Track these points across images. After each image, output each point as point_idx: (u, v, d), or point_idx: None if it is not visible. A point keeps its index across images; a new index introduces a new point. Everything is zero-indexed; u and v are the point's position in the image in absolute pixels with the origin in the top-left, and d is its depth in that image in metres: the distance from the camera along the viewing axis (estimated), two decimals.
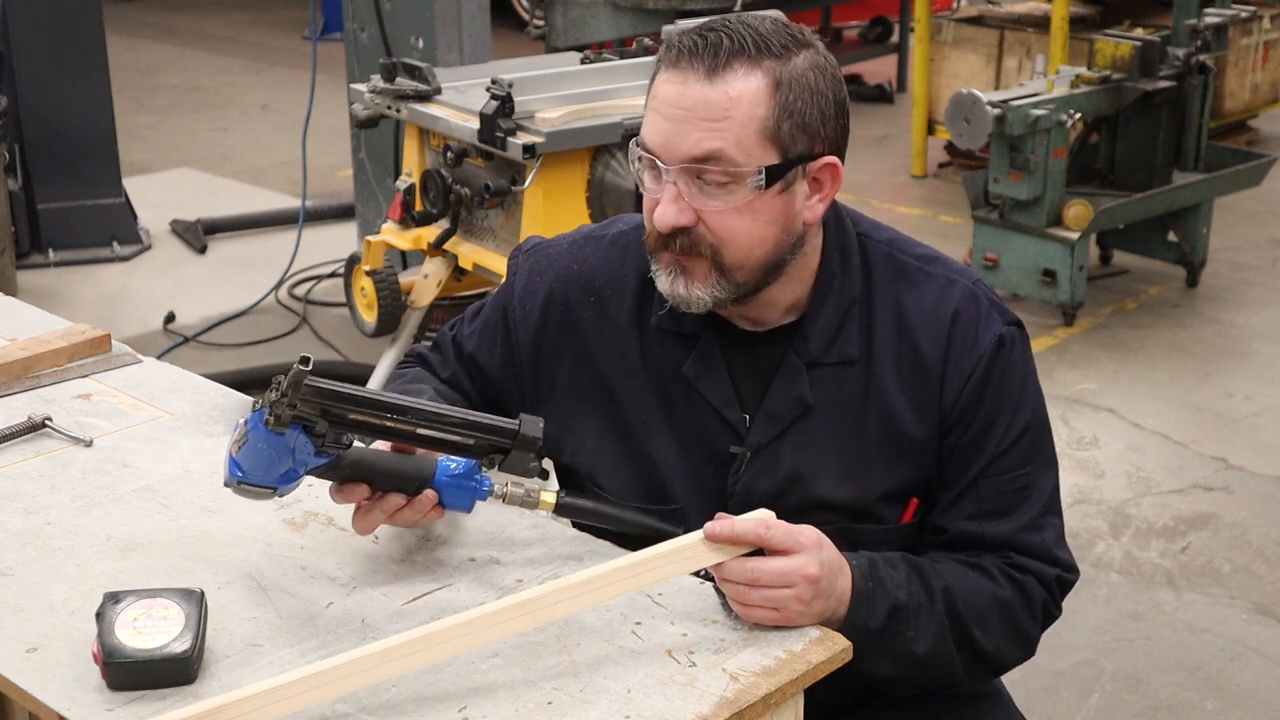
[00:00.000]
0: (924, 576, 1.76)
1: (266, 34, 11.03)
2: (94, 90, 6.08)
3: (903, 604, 1.72)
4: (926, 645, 1.74)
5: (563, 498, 1.79)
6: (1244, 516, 4.11)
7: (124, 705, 1.50)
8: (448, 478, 1.71)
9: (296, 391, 1.55)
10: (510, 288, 1.97)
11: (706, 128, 1.68)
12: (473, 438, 1.67)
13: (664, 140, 1.70)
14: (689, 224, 1.72)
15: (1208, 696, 3.33)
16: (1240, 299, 5.76)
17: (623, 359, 1.88)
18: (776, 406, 1.82)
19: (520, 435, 1.68)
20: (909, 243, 1.91)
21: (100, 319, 4.37)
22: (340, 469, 1.65)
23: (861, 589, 1.69)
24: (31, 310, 2.52)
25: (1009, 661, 1.86)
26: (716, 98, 1.67)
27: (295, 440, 1.60)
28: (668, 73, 1.71)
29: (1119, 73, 5.58)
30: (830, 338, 1.82)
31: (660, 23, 5.63)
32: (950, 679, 1.82)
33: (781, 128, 1.70)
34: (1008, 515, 1.82)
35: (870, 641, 1.69)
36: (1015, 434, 1.83)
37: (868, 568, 1.71)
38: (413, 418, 1.64)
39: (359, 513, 1.70)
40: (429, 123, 4.07)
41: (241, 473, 1.61)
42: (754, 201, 1.71)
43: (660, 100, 1.71)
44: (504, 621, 1.53)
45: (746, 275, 1.75)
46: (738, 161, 1.69)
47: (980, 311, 1.84)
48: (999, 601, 1.80)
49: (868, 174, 7.30)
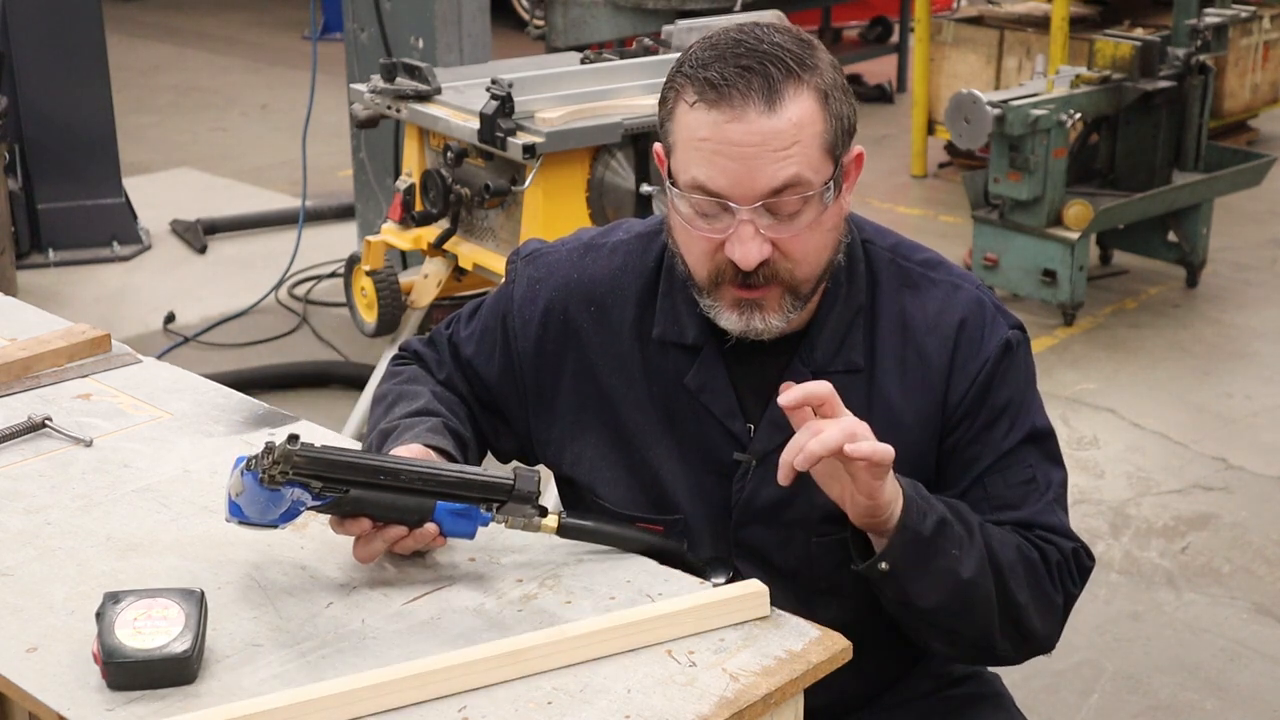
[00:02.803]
0: (960, 512, 1.76)
1: (266, 34, 11.03)
2: (94, 90, 6.08)
3: (950, 521, 1.72)
4: (972, 570, 1.72)
5: (564, 520, 1.77)
6: (1244, 516, 4.11)
7: (124, 705, 1.50)
8: (448, 511, 1.71)
9: (287, 463, 1.58)
10: (509, 295, 1.94)
11: (780, 158, 1.66)
12: (466, 497, 1.68)
13: (735, 180, 1.66)
14: (768, 256, 1.70)
15: (1208, 696, 3.33)
16: (1240, 299, 5.76)
17: (624, 369, 1.87)
18: (781, 415, 1.81)
19: (515, 490, 1.68)
20: (912, 248, 1.90)
21: (100, 319, 4.37)
22: (341, 506, 1.65)
23: (910, 495, 1.69)
24: (31, 310, 2.52)
25: (1036, 628, 1.82)
26: (783, 126, 1.65)
27: (291, 492, 1.61)
28: (717, 111, 1.66)
29: (1119, 73, 5.58)
30: (836, 346, 1.82)
31: (660, 23, 5.63)
32: (987, 623, 1.78)
33: (836, 137, 1.70)
34: (1018, 507, 1.83)
35: (920, 550, 1.68)
36: (1020, 435, 1.83)
37: (910, 484, 1.71)
38: (405, 480, 1.64)
39: (360, 542, 1.69)
40: (429, 123, 4.06)
41: (242, 514, 1.64)
42: (822, 215, 1.71)
43: (718, 141, 1.66)
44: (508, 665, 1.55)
45: (812, 285, 1.76)
46: (812, 183, 1.68)
47: (986, 317, 1.84)
48: (1024, 556, 1.79)
49: (868, 174, 7.24)
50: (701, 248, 1.72)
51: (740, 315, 1.74)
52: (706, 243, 1.71)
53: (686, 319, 1.83)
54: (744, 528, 1.84)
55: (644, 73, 4.13)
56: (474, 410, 1.97)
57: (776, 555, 1.83)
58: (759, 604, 1.65)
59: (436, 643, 1.60)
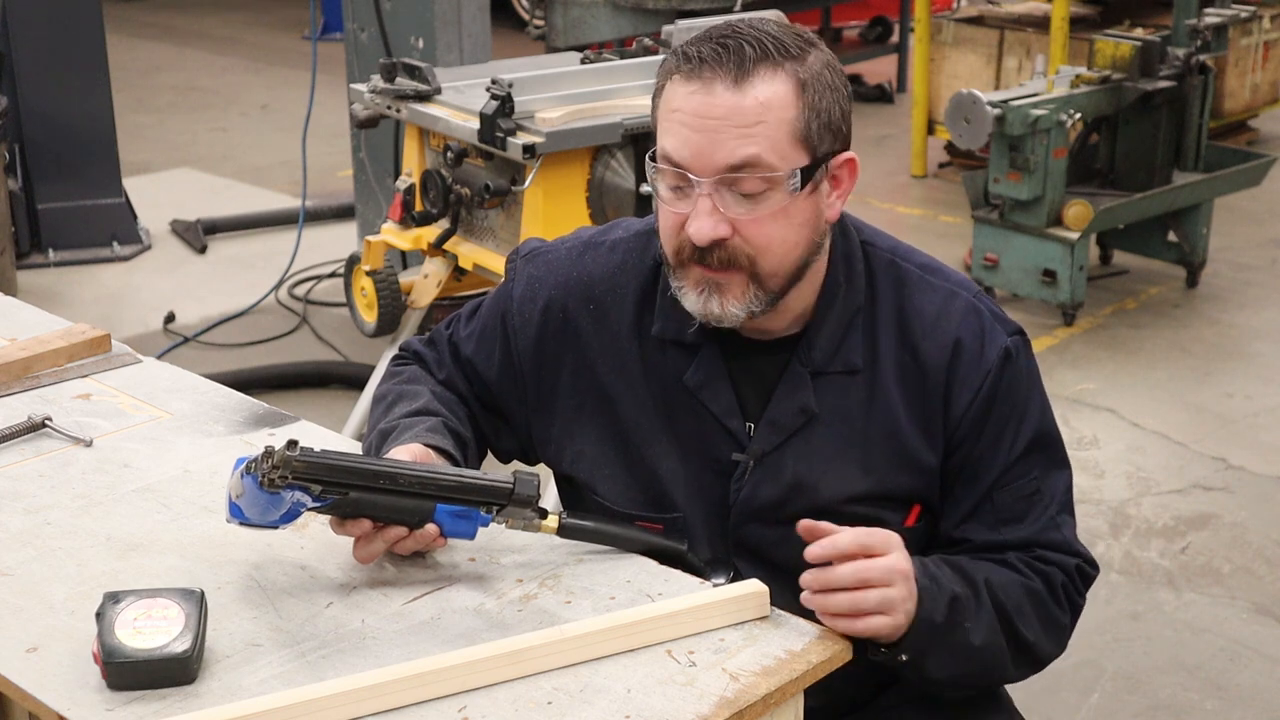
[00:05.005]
0: (964, 571, 1.77)
1: (266, 34, 11.03)
2: (94, 90, 6.08)
3: (959, 595, 1.72)
4: (982, 636, 1.74)
5: (565, 520, 1.77)
6: (1244, 516, 4.11)
7: (124, 705, 1.50)
8: (448, 512, 1.71)
9: (286, 468, 1.58)
10: (508, 294, 1.95)
11: (740, 135, 1.66)
12: (466, 500, 1.68)
13: (695, 152, 1.67)
14: (726, 236, 1.69)
15: (1208, 696, 3.33)
16: (1240, 299, 5.76)
17: (623, 368, 1.87)
18: (780, 415, 1.82)
19: (515, 494, 1.68)
20: (911, 252, 1.90)
21: (100, 319, 4.37)
22: (342, 507, 1.65)
23: (923, 584, 1.69)
24: (31, 310, 2.52)
25: (1047, 653, 1.85)
26: (748, 104, 1.66)
27: (291, 495, 1.62)
28: (688, 84, 1.68)
29: (1119, 73, 5.58)
30: (835, 346, 1.82)
31: (660, 23, 5.63)
32: (1000, 673, 1.82)
33: (810, 128, 1.70)
34: (1023, 521, 1.83)
35: (935, 636, 1.69)
36: (1024, 443, 1.83)
37: (920, 566, 1.71)
38: (404, 484, 1.64)
39: (360, 542, 1.70)
40: (429, 123, 4.06)
41: (242, 516, 1.65)
42: (789, 206, 1.70)
43: (685, 112, 1.68)
44: (508, 665, 1.55)
45: (780, 282, 1.74)
46: (774, 166, 1.67)
47: (984, 325, 1.83)
48: (1030, 591, 1.80)
49: (868, 174, 7.26)
50: (669, 226, 1.74)
51: (699, 295, 1.74)
52: (675, 219, 1.73)
53: (686, 317, 1.83)
54: (742, 526, 1.84)
55: (644, 73, 4.13)
56: (474, 410, 1.97)
57: (775, 554, 1.83)
58: (759, 604, 1.65)
59: (436, 643, 1.60)
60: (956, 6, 8.28)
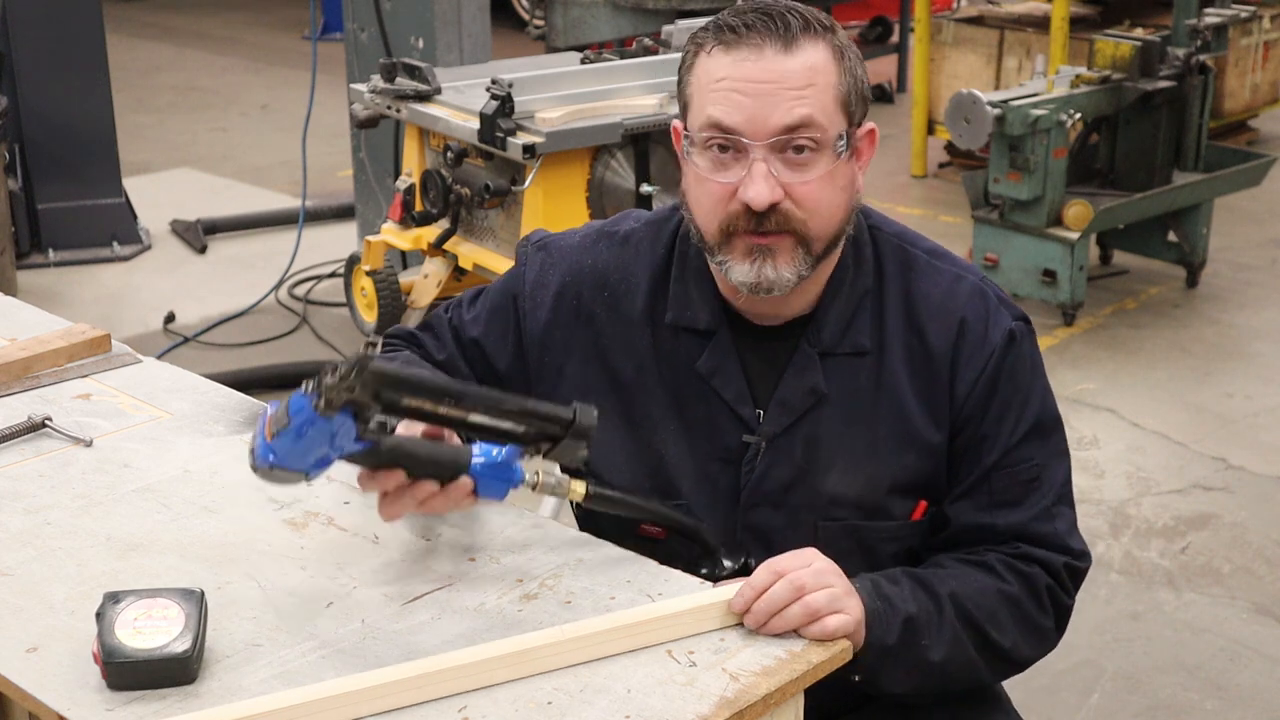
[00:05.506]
0: (927, 586, 1.77)
1: (266, 34, 11.03)
2: (94, 90, 6.08)
3: (914, 615, 1.72)
4: (942, 652, 1.74)
5: (593, 487, 1.76)
6: (1244, 516, 4.11)
7: (124, 705, 1.50)
8: (484, 466, 1.67)
9: (360, 375, 1.52)
10: (520, 278, 1.95)
11: (795, 96, 1.70)
12: (527, 425, 1.65)
13: (749, 116, 1.70)
14: (780, 199, 1.72)
15: (1208, 696, 3.33)
16: (1240, 299, 5.76)
17: (634, 354, 1.88)
18: (789, 396, 1.83)
19: (575, 424, 1.66)
20: (917, 237, 1.93)
21: (100, 319, 4.36)
22: (378, 455, 1.60)
23: (872, 608, 1.69)
24: (31, 310, 2.52)
25: (1028, 656, 1.86)
26: (797, 67, 1.70)
27: (340, 425, 1.55)
28: (734, 52, 1.71)
29: (1119, 73, 5.58)
30: (843, 328, 1.83)
31: (660, 23, 5.63)
32: (974, 681, 1.82)
33: (850, 94, 1.75)
34: (1019, 505, 1.83)
35: (888, 657, 1.70)
36: (1026, 427, 1.84)
37: (872, 587, 1.71)
38: (470, 403, 1.61)
39: (387, 499, 1.66)
40: (429, 123, 4.07)
41: (274, 456, 1.55)
42: (833, 170, 1.74)
43: (735, 78, 1.71)
44: (508, 665, 1.54)
45: (822, 246, 1.77)
46: (825, 128, 1.72)
47: (989, 308, 1.85)
48: (1006, 597, 1.80)
49: (868, 174, 7.27)
50: (714, 198, 1.74)
51: (752, 264, 1.74)
52: (720, 190, 1.73)
53: (699, 304, 1.85)
54: (752, 510, 1.85)
55: (644, 73, 4.13)
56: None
57: (782, 539, 1.83)
58: None
59: (436, 643, 1.60)
60: (956, 6, 8.28)
